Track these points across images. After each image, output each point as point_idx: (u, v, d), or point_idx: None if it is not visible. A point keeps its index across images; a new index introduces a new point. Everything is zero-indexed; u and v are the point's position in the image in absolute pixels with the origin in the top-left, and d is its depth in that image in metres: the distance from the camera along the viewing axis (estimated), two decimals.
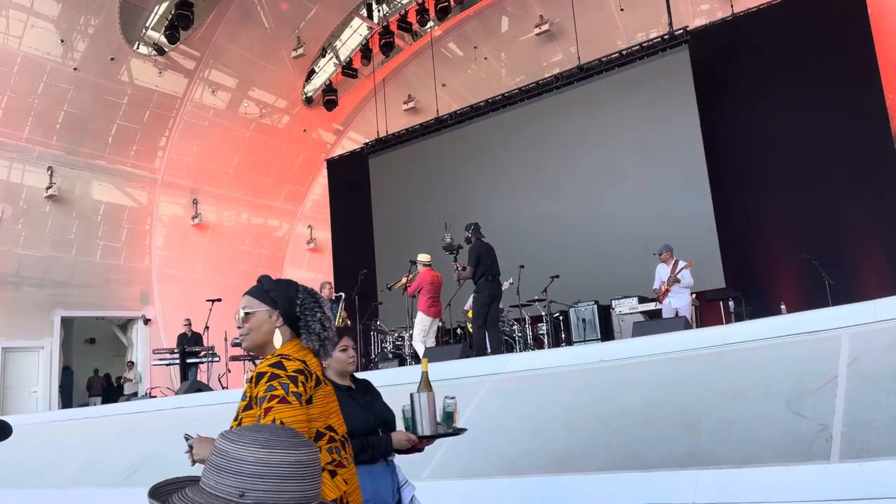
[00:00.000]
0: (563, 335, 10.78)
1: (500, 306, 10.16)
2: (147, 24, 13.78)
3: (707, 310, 10.46)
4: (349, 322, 9.77)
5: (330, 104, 16.49)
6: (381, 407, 2.68)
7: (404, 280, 9.20)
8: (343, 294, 9.72)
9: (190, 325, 11.75)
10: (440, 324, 9.82)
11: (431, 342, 8.82)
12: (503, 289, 9.76)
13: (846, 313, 3.40)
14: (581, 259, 12.37)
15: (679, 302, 8.71)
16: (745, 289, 10.18)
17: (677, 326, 5.32)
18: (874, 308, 3.31)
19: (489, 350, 8.11)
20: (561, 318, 10.92)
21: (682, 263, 8.80)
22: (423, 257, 9.04)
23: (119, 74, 13.64)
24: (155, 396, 10.59)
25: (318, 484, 0.97)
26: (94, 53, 13.04)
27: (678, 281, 8.70)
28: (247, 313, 1.90)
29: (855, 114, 10.36)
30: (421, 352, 8.41)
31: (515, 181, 13.65)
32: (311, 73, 16.47)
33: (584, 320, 10.29)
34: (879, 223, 10.02)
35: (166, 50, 13.93)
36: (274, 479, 0.93)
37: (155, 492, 0.99)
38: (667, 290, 8.79)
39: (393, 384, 4.90)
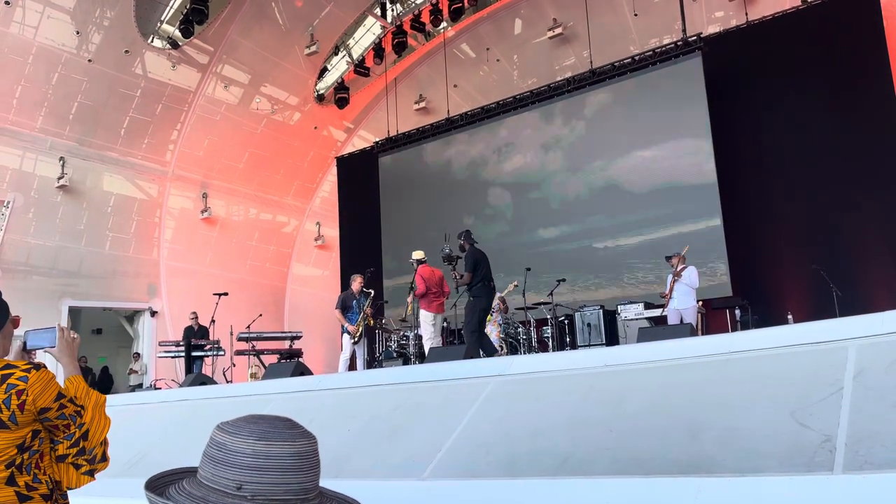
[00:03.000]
0: (567, 339, 10.76)
1: (506, 307, 10.17)
2: (162, 18, 13.85)
3: (713, 318, 10.42)
4: (372, 321, 9.43)
5: (341, 102, 16.52)
6: None
7: (410, 298, 9.09)
8: (373, 291, 9.36)
9: (196, 318, 11.80)
10: (445, 324, 9.74)
11: (437, 341, 8.78)
12: (507, 291, 9.76)
13: (853, 324, 3.38)
14: (587, 264, 12.36)
15: (684, 304, 8.72)
16: (751, 297, 10.14)
17: (683, 333, 5.29)
18: (882, 320, 3.28)
19: (483, 354, 8.10)
20: (566, 321, 10.90)
21: (688, 267, 8.85)
22: (416, 255, 8.98)
23: (133, 67, 13.71)
24: (160, 388, 10.64)
25: (316, 475, 0.97)
26: (109, 46, 13.12)
27: (679, 276, 8.74)
28: None
29: (868, 124, 10.30)
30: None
31: (524, 184, 13.64)
32: (324, 70, 16.51)
33: (589, 325, 10.27)
34: (889, 235, 9.96)
35: (180, 44, 13.99)
36: (271, 471, 0.92)
37: (152, 484, 0.98)
38: (670, 292, 8.82)
39: (398, 382, 4.90)
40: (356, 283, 9.17)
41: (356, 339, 8.87)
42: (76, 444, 1.89)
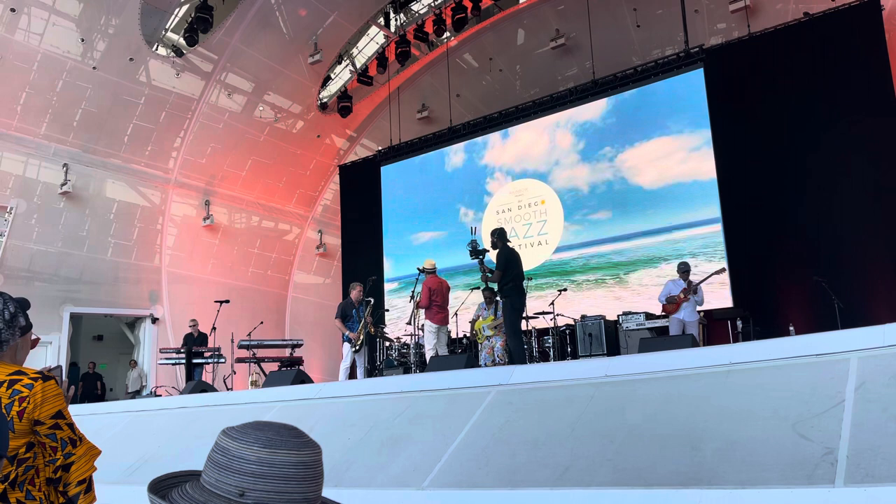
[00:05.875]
0: (569, 349, 10.75)
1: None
2: (167, 26, 13.91)
3: (714, 329, 10.40)
4: (373, 330, 9.45)
5: (344, 111, 16.57)
6: None
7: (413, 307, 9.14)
8: (373, 300, 9.40)
9: (196, 325, 11.79)
10: (448, 332, 9.76)
11: (443, 350, 8.79)
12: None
13: (855, 337, 3.38)
14: (588, 272, 12.36)
15: (690, 317, 8.74)
16: (753, 309, 10.13)
17: (684, 344, 5.29)
18: (884, 333, 3.28)
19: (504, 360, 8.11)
20: (567, 332, 10.89)
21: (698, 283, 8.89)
22: (427, 264, 9.04)
23: (137, 75, 13.77)
24: (160, 395, 10.63)
25: (319, 485, 0.97)
26: (114, 53, 13.17)
27: (695, 293, 8.77)
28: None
29: (870, 136, 10.31)
30: None
31: (526, 192, 13.66)
32: (327, 79, 16.57)
33: (590, 335, 10.26)
34: (892, 247, 9.94)
35: (185, 52, 14.05)
36: (275, 479, 0.93)
37: (155, 486, 0.99)
38: (683, 300, 8.81)
39: (398, 391, 4.90)
40: (355, 291, 9.18)
41: (357, 347, 8.87)
42: (55, 472, 1.83)
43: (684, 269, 9.10)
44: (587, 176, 12.92)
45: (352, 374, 9.18)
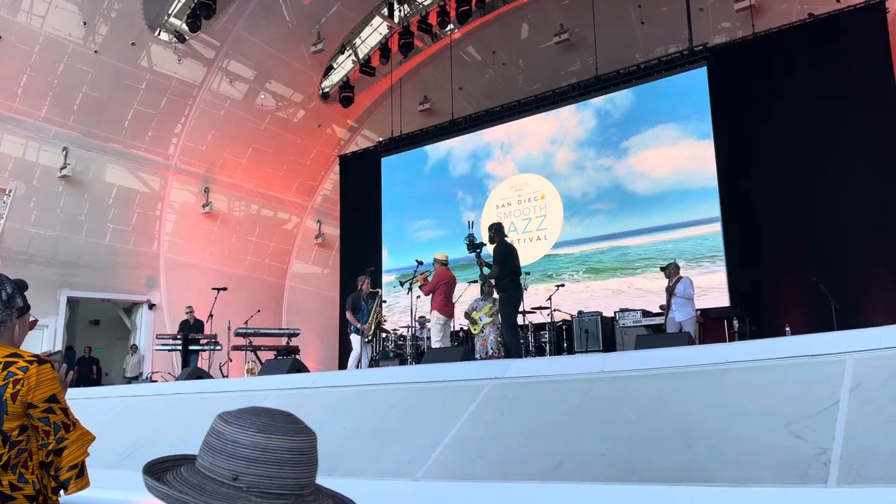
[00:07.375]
0: (565, 344, 10.77)
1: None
2: (169, 12, 13.85)
3: (710, 327, 10.42)
4: (384, 320, 9.66)
5: (346, 101, 16.53)
6: None
7: (420, 278, 9.14)
8: (380, 291, 9.59)
9: (192, 312, 11.79)
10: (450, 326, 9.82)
11: (447, 342, 8.82)
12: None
13: (851, 338, 3.38)
14: (586, 272, 12.38)
15: (682, 316, 8.73)
16: (749, 308, 10.14)
17: (680, 341, 5.29)
18: (879, 335, 3.28)
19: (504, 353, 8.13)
20: (564, 327, 10.91)
21: (682, 279, 8.87)
22: (440, 256, 9.07)
23: (139, 59, 13.72)
24: (156, 381, 10.64)
25: (313, 472, 0.97)
26: (116, 37, 13.12)
27: (674, 294, 8.77)
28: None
29: (872, 138, 10.31)
30: None
31: (526, 186, 13.65)
32: (329, 68, 16.52)
33: (586, 331, 10.27)
34: (889, 249, 9.96)
35: (187, 38, 14.00)
36: (268, 464, 0.93)
37: (151, 468, 0.99)
38: (668, 306, 8.84)
39: (394, 382, 4.90)
40: (364, 284, 9.31)
41: (369, 338, 9.04)
42: (47, 456, 1.83)
43: (664, 269, 9.12)
44: (587, 172, 12.91)
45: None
